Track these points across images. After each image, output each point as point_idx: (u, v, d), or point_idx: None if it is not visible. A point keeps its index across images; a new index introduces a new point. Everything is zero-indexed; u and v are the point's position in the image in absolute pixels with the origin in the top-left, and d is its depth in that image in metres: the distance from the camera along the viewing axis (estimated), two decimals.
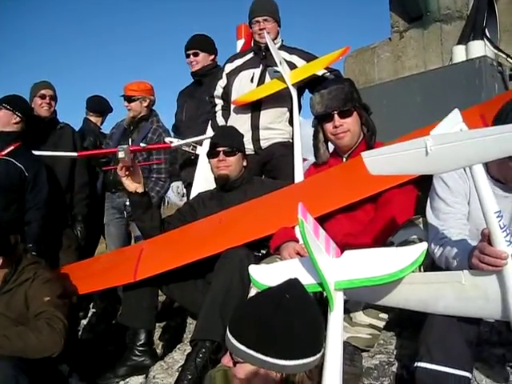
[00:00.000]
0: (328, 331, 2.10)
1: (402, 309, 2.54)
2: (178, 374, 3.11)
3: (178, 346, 3.61)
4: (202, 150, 4.59)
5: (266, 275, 2.35)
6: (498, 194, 2.43)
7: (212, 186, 3.93)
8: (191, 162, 4.85)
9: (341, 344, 2.10)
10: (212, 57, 5.08)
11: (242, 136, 3.86)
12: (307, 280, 2.19)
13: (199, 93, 4.90)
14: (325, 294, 2.27)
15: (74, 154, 4.68)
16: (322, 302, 2.44)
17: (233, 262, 3.05)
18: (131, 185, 3.59)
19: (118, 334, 4.66)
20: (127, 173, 3.56)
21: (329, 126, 3.15)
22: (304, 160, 4.02)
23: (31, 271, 3.18)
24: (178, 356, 3.41)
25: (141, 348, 3.39)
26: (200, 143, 4.73)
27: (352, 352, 2.61)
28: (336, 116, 3.10)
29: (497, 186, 2.46)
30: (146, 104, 5.07)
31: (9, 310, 3.08)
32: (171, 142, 4.67)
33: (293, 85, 4.18)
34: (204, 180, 4.47)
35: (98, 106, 5.87)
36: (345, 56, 4.20)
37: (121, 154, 3.47)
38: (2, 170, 4.17)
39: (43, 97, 4.75)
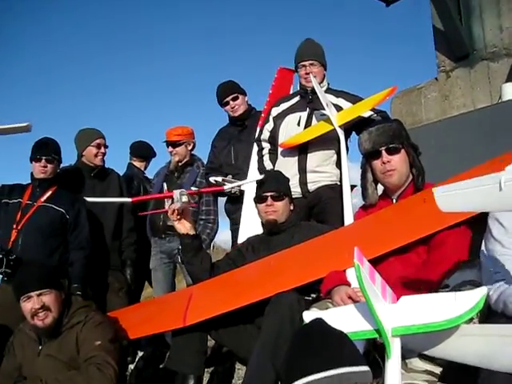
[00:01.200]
0: (386, 378, 2.06)
1: None
2: None
3: None
4: (248, 188, 4.62)
5: None
6: None
7: (258, 227, 3.94)
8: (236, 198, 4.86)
9: None
10: (246, 98, 5.12)
11: (288, 180, 3.86)
12: (363, 326, 2.17)
13: (246, 135, 4.91)
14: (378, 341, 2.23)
15: (129, 199, 4.71)
16: (374, 349, 2.38)
17: (283, 307, 3.00)
18: (183, 228, 3.59)
19: (165, 380, 4.65)
20: (178, 216, 3.57)
21: (377, 164, 3.12)
22: (352, 187, 3.98)
23: (82, 314, 3.20)
24: None
25: None
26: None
27: None
28: (384, 152, 3.08)
29: None
30: (190, 148, 5.13)
31: (60, 354, 3.10)
32: (223, 185, 4.68)
33: (340, 126, 4.18)
34: (250, 222, 4.48)
35: (142, 151, 5.95)
36: (391, 97, 4.17)
37: (184, 198, 3.51)
38: (44, 217, 4.24)
39: (99, 146, 4.83)
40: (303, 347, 1.80)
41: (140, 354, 5.18)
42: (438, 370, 2.54)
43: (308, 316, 2.37)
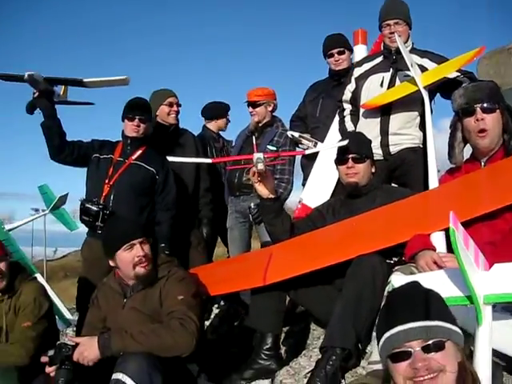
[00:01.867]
0: (476, 345, 2.04)
1: None
2: (305, 380, 3.10)
3: (304, 352, 3.60)
4: (322, 147, 4.58)
5: None
6: None
7: (326, 187, 3.91)
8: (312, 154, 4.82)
9: (490, 359, 2.02)
10: (351, 56, 5.05)
11: (371, 142, 3.79)
12: (454, 292, 2.14)
13: (337, 92, 4.82)
14: None
15: (209, 160, 4.75)
16: None
17: (365, 270, 2.99)
18: (263, 190, 3.58)
19: (240, 337, 4.72)
20: (259, 178, 3.55)
21: (470, 121, 3.02)
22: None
23: (165, 269, 3.25)
24: (305, 362, 3.40)
25: (267, 352, 3.37)
26: (321, 140, 4.73)
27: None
28: (478, 110, 2.98)
29: None
30: (270, 109, 5.08)
31: (144, 307, 3.16)
32: (300, 141, 4.64)
33: (424, 87, 4.04)
34: (318, 181, 4.49)
35: (212, 111, 5.91)
36: (479, 57, 4.01)
37: (260, 166, 3.39)
38: (136, 175, 4.30)
39: (171, 105, 4.87)
40: (396, 303, 1.80)
41: (215, 311, 5.29)
42: (502, 363, 2.49)
43: (396, 280, 2.35)
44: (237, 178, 4.94)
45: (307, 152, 4.42)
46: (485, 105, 2.97)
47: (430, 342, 1.67)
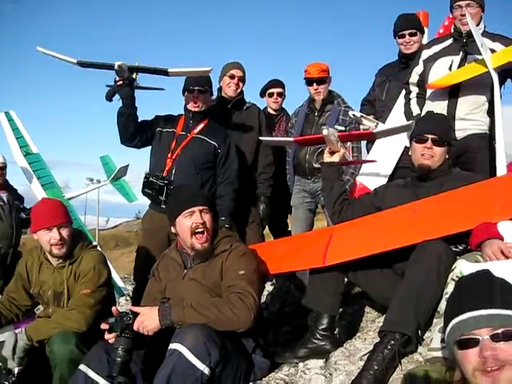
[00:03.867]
0: None
1: None
2: (360, 362, 3.09)
3: (358, 335, 3.59)
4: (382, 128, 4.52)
5: None
6: None
7: (386, 170, 3.84)
8: None
9: None
10: (423, 38, 4.95)
11: (452, 127, 3.71)
12: None
13: (403, 75, 4.72)
14: None
15: (291, 139, 4.73)
16: None
17: (431, 256, 2.94)
18: (328, 158, 3.71)
19: (292, 315, 4.74)
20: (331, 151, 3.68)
21: None
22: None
23: (227, 243, 3.27)
24: (360, 344, 3.38)
25: (323, 332, 3.37)
26: (383, 121, 4.69)
27: None
28: None
29: None
30: (329, 86, 5.04)
31: (205, 279, 3.20)
32: (361, 120, 4.59)
33: (494, 69, 3.93)
34: (379, 161, 4.46)
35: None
36: None
37: (325, 132, 3.57)
38: (198, 149, 4.33)
39: (232, 77, 4.87)
40: (467, 289, 1.78)
41: (268, 288, 5.32)
42: None
43: (465, 267, 2.31)
44: (307, 161, 4.92)
45: (375, 131, 4.35)
46: None
47: (500, 331, 1.64)
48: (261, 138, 4.53)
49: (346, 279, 3.51)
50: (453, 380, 1.77)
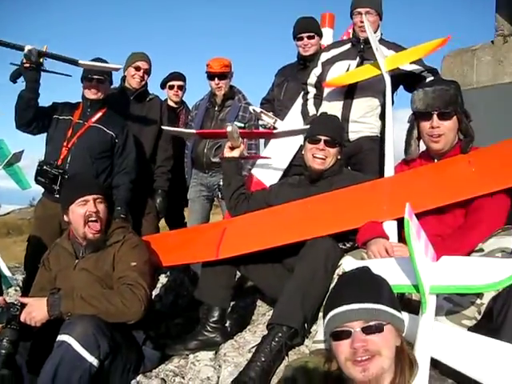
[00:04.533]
0: (419, 332, 2.12)
1: (486, 317, 2.52)
2: (249, 354, 3.16)
3: (249, 327, 3.66)
4: (281, 126, 4.61)
5: None
6: None
7: (281, 166, 4.09)
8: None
9: (431, 345, 2.10)
10: (321, 41, 5.05)
11: (344, 129, 3.86)
12: (402, 280, 2.23)
13: (302, 76, 4.82)
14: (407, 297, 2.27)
15: (193, 131, 4.74)
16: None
17: (319, 252, 3.04)
18: (228, 153, 3.76)
19: (186, 307, 4.76)
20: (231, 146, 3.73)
21: (425, 125, 3.08)
22: None
23: (120, 234, 3.26)
24: (249, 337, 3.46)
25: (213, 325, 3.43)
26: (281, 118, 4.75)
27: None
28: (435, 117, 3.03)
29: None
30: (231, 81, 5.09)
31: (96, 269, 3.18)
32: (260, 116, 4.66)
33: (387, 72, 4.08)
34: (273, 156, 4.54)
35: None
36: (444, 46, 4.10)
37: (229, 128, 3.64)
38: (94, 138, 4.27)
39: (138, 68, 4.82)
40: (344, 284, 1.88)
41: (162, 280, 5.32)
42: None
43: (347, 263, 2.41)
44: (205, 156, 4.93)
45: (276, 132, 4.44)
46: (442, 111, 3.03)
47: (370, 324, 1.74)
48: (163, 127, 4.52)
49: (238, 273, 3.59)
50: (330, 370, 1.86)
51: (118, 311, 2.92)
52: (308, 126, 3.91)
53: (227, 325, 3.65)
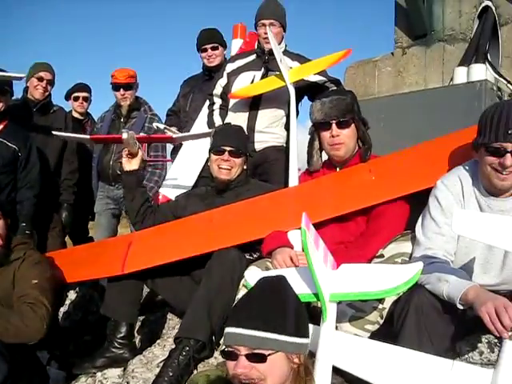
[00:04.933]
0: (320, 340, 2.14)
1: (388, 322, 2.58)
2: (157, 369, 3.11)
3: (158, 342, 3.60)
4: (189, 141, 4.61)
5: None
6: (495, 209, 2.55)
7: (189, 180, 4.06)
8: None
9: (332, 353, 2.13)
10: (225, 52, 5.08)
11: (248, 138, 3.89)
12: (303, 289, 2.24)
13: (207, 87, 4.82)
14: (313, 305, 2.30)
15: (87, 136, 4.62)
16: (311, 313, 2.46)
17: (224, 263, 3.04)
18: (127, 165, 3.58)
19: (95, 324, 4.64)
20: (130, 156, 3.55)
21: (326, 135, 3.14)
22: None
23: (21, 251, 3.16)
24: (158, 351, 3.40)
25: (121, 340, 3.36)
26: (188, 130, 4.76)
27: None
28: (334, 125, 3.10)
29: (491, 199, 2.57)
30: (136, 92, 5.05)
31: None
32: (165, 133, 4.63)
33: (291, 83, 4.13)
34: (180, 173, 4.55)
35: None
36: (346, 58, 4.20)
37: (124, 135, 3.47)
38: None
39: (40, 79, 4.70)
40: (246, 302, 1.84)
41: (71, 296, 5.17)
42: (366, 335, 2.66)
43: (250, 275, 2.42)
44: (111, 168, 4.85)
45: (175, 136, 4.41)
46: (340, 120, 3.10)
47: (255, 352, 1.70)
48: (54, 133, 4.36)
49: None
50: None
51: (17, 331, 2.82)
52: (209, 130, 3.92)
53: (136, 340, 3.59)
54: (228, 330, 1.76)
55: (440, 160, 3.05)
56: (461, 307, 2.24)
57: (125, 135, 3.57)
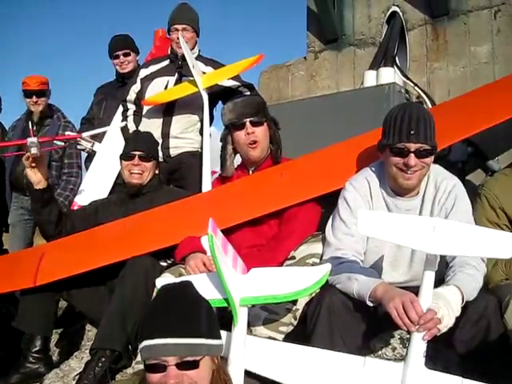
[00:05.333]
0: (232, 345, 2.15)
1: (302, 322, 2.62)
2: (73, 382, 3.05)
3: (75, 354, 3.53)
4: (100, 148, 4.58)
5: None
6: (402, 208, 2.63)
7: (104, 188, 4.03)
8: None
9: (243, 357, 2.15)
10: (137, 58, 5.05)
11: (158, 143, 3.89)
12: (214, 295, 2.24)
13: (121, 93, 4.77)
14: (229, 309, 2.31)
15: None
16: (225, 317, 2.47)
17: (138, 271, 3.02)
18: (34, 176, 3.40)
19: (11, 339, 4.50)
20: (34, 164, 3.36)
21: (240, 135, 3.16)
22: (213, 173, 4.02)
23: None
24: (75, 364, 3.33)
25: (36, 355, 3.29)
26: (99, 140, 4.70)
27: None
28: (248, 123, 3.12)
29: (397, 199, 2.65)
30: (49, 99, 4.96)
31: None
32: (91, 148, 4.57)
33: (205, 90, 4.16)
34: (94, 181, 4.49)
35: None
36: (258, 63, 4.25)
37: (34, 150, 3.27)
38: None
39: None
40: (158, 312, 1.74)
41: None
42: (280, 336, 2.68)
43: (160, 282, 2.39)
44: (25, 178, 4.71)
45: (84, 134, 4.34)
46: (254, 119, 3.14)
47: (185, 360, 1.65)
48: None
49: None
50: None
51: None
52: (122, 124, 4.02)
53: (54, 353, 3.52)
54: (149, 341, 1.67)
55: (350, 161, 3.12)
56: (370, 304, 2.30)
57: (29, 139, 3.42)
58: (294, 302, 2.64)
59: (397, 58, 4.47)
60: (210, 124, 4.38)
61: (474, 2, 4.25)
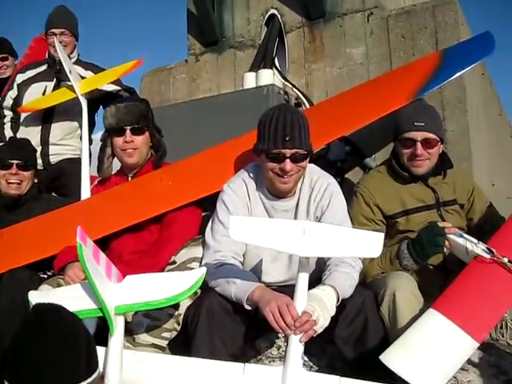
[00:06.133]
0: (108, 354, 2.13)
1: (185, 327, 2.63)
2: None
3: None
4: None
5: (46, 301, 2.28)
6: (279, 209, 2.70)
7: None
8: None
9: (121, 366, 2.13)
10: (16, 61, 4.90)
11: (36, 151, 3.80)
12: (88, 305, 2.21)
13: None
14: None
15: None
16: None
17: (15, 284, 2.93)
18: None
19: None
20: None
21: (119, 141, 3.14)
22: (94, 179, 3.96)
23: None
24: None
25: None
26: None
27: None
28: (128, 131, 3.11)
29: (275, 200, 2.71)
30: None
31: None
32: None
33: (83, 95, 4.10)
34: None
35: None
36: (138, 67, 4.23)
37: None
38: None
39: None
40: (36, 347, 1.56)
41: None
42: (164, 343, 2.69)
43: (33, 296, 2.33)
44: None
45: None
46: (135, 126, 3.13)
47: None
48: None
49: None
50: None
51: None
52: None
53: None
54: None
55: (227, 164, 3.17)
56: (248, 308, 2.34)
57: None
58: (176, 307, 2.65)
59: (276, 60, 4.54)
60: (92, 130, 4.32)
61: (349, 5, 4.36)
